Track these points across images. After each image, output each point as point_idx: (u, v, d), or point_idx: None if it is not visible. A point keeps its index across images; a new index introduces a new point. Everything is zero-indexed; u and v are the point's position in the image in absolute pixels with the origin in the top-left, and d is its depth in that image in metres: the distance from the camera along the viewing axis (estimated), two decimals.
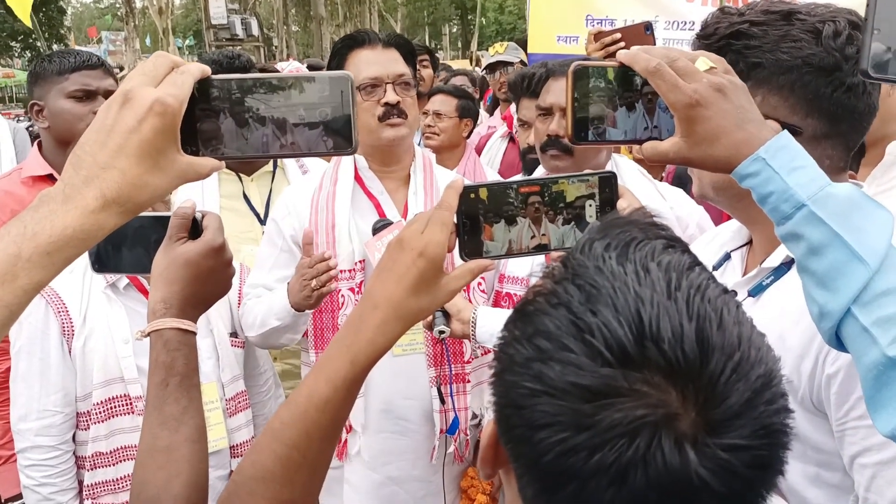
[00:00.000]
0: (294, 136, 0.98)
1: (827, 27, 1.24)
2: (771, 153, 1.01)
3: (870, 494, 1.16)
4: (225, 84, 0.97)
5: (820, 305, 1.00)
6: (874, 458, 1.15)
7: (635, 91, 1.08)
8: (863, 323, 0.96)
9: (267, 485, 1.07)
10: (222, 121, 0.97)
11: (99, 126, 0.89)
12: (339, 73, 0.98)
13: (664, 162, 1.10)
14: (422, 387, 2.41)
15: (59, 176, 2.79)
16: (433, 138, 4.31)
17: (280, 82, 0.97)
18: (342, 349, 1.06)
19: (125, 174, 0.88)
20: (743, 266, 1.47)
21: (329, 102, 0.98)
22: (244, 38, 30.39)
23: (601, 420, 0.65)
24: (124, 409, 2.15)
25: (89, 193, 0.87)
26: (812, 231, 0.98)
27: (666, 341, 0.65)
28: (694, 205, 2.52)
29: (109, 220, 0.88)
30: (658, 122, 1.09)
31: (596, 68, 1.07)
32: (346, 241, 2.35)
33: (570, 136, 1.09)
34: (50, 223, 0.85)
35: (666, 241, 0.76)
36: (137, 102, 0.88)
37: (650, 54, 1.04)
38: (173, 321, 1.23)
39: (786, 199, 1.00)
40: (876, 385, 0.95)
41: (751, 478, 0.66)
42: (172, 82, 0.91)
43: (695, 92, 1.01)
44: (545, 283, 0.76)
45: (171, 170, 0.91)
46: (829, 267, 0.98)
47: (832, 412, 1.20)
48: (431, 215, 1.07)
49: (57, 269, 0.87)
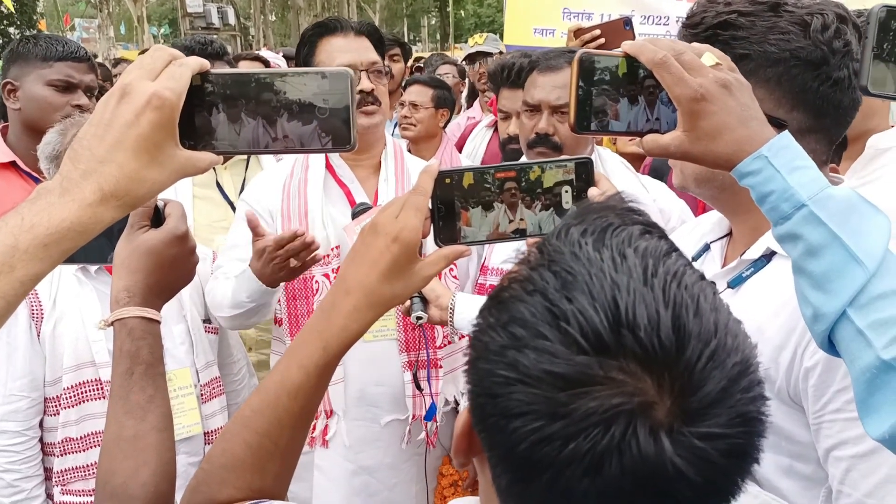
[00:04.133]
0: (292, 132, 0.97)
1: (815, 20, 1.24)
2: (773, 152, 1.01)
3: (844, 487, 1.17)
4: (224, 78, 0.96)
5: (815, 307, 1.00)
6: (850, 451, 1.16)
7: (638, 83, 1.08)
8: (858, 325, 0.96)
9: (237, 473, 1.06)
10: (220, 115, 0.96)
11: (97, 120, 0.89)
12: (339, 70, 0.97)
13: (664, 155, 1.09)
14: (393, 373, 2.42)
15: (23, 163, 2.72)
16: (410, 129, 4.30)
17: (280, 78, 0.96)
18: (314, 335, 1.05)
19: (123, 168, 0.88)
20: (722, 257, 1.47)
21: (329, 98, 0.97)
22: (220, 27, 30.20)
23: (576, 409, 0.64)
24: (95, 394, 2.12)
25: (87, 187, 0.87)
26: (811, 232, 0.98)
27: (642, 329, 0.65)
28: (676, 197, 2.54)
29: (107, 214, 0.88)
30: (659, 115, 1.09)
31: (602, 58, 1.07)
32: (319, 227, 2.35)
33: (573, 124, 1.08)
34: (48, 215, 0.85)
35: (643, 227, 0.76)
36: (135, 96, 0.88)
37: (657, 46, 1.03)
38: (137, 310, 1.22)
39: (786, 198, 1.00)
40: (869, 389, 0.95)
41: (726, 466, 0.66)
42: (170, 76, 0.90)
43: (700, 86, 1.01)
44: (521, 269, 0.75)
45: (170, 164, 0.91)
46: (827, 268, 0.98)
47: (809, 405, 1.20)
48: (406, 200, 1.05)
49: (54, 262, 0.87)
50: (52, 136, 2.09)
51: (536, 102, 2.44)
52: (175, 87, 0.89)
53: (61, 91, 2.79)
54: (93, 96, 2.88)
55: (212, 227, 2.93)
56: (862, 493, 1.14)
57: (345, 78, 0.97)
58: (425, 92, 4.35)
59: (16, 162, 2.77)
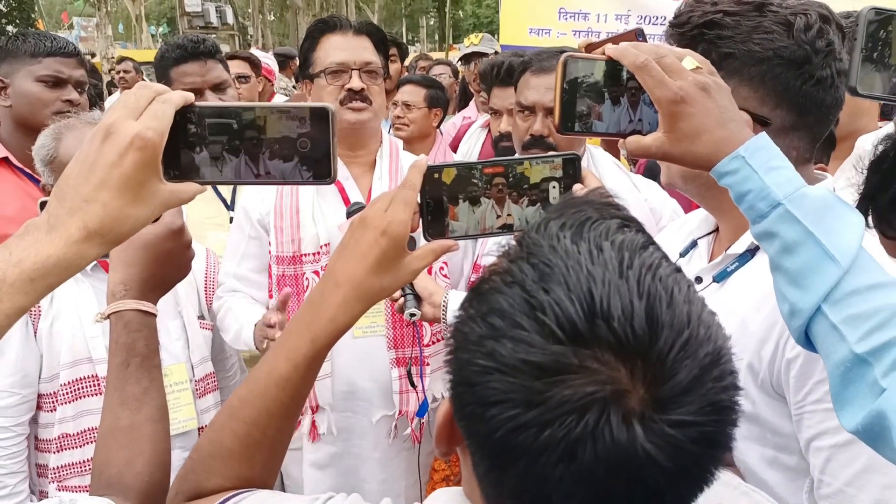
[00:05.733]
0: (273, 165, 0.99)
1: (798, 20, 1.26)
2: (750, 152, 1.03)
3: (825, 476, 1.19)
4: (207, 111, 0.98)
5: (791, 303, 1.02)
6: (830, 441, 1.18)
7: (621, 85, 1.10)
8: (832, 321, 0.98)
9: (226, 463, 1.07)
10: (204, 146, 0.98)
11: (82, 159, 0.91)
12: (320, 105, 0.99)
13: (646, 156, 1.11)
14: (381, 369, 2.43)
15: (15, 159, 2.70)
16: (403, 129, 4.31)
17: (262, 111, 0.98)
18: (302, 327, 1.06)
19: (107, 207, 0.90)
20: (709, 253, 1.50)
21: (309, 133, 0.99)
22: (219, 26, 30.14)
23: (551, 397, 0.66)
24: (92, 391, 2.12)
25: (73, 224, 0.89)
26: (787, 229, 1.00)
27: (616, 319, 0.67)
28: (667, 196, 2.55)
29: (91, 251, 0.91)
30: (641, 117, 1.11)
31: (585, 60, 1.09)
32: (309, 224, 2.38)
33: (558, 125, 1.10)
34: (35, 251, 0.87)
35: (621, 221, 0.77)
36: (119, 137, 0.90)
37: (639, 50, 1.06)
38: (133, 303, 1.24)
39: (762, 197, 1.02)
40: (843, 382, 0.97)
41: (697, 454, 0.68)
42: (153, 114, 0.92)
43: (680, 89, 1.03)
44: (501, 261, 0.77)
45: (153, 200, 0.93)
46: (802, 265, 1.00)
47: (791, 396, 1.22)
48: (395, 194, 1.07)
49: (39, 296, 0.89)
50: (46, 140, 2.09)
51: (531, 104, 2.44)
52: (157, 127, 0.91)
53: (51, 87, 2.79)
54: (83, 91, 2.88)
55: (205, 223, 2.93)
56: (842, 483, 1.16)
57: (325, 113, 0.99)
58: (418, 92, 4.35)
59: (9, 158, 2.77)
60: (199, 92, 2.95)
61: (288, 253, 2.40)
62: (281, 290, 2.37)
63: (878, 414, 0.92)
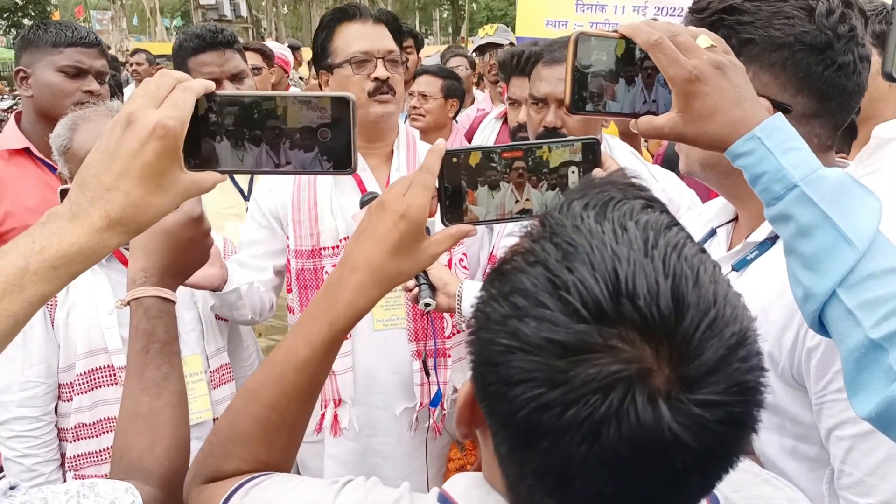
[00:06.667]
0: (294, 154, 0.99)
1: (820, 5, 1.24)
2: (766, 133, 1.01)
3: (846, 466, 1.18)
4: (227, 100, 0.98)
5: (805, 287, 1.01)
6: (851, 430, 1.17)
7: (635, 65, 1.08)
8: (847, 305, 0.96)
9: (244, 446, 1.07)
10: (224, 135, 0.98)
11: (104, 148, 0.92)
12: (341, 94, 0.99)
13: (658, 137, 1.10)
14: (403, 361, 2.42)
15: (36, 150, 2.71)
16: (419, 119, 4.31)
17: (283, 100, 0.98)
18: (321, 311, 1.06)
19: (128, 195, 0.91)
20: (728, 241, 1.48)
21: (330, 123, 0.99)
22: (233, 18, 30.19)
23: (575, 376, 0.65)
24: (108, 380, 2.14)
25: (95, 213, 0.90)
26: (802, 212, 0.99)
27: (641, 298, 0.66)
28: (685, 187, 2.53)
29: (113, 239, 0.92)
30: (656, 97, 1.09)
31: (598, 38, 1.07)
32: (328, 217, 2.36)
33: (569, 105, 1.08)
34: (57, 239, 0.88)
35: (644, 201, 0.77)
36: (140, 125, 0.90)
37: (652, 28, 1.04)
38: (153, 289, 1.25)
39: (778, 179, 1.00)
40: (857, 367, 0.96)
41: (723, 434, 0.67)
42: (174, 103, 0.92)
43: (694, 68, 1.02)
44: (523, 241, 0.77)
45: (174, 189, 0.94)
46: (818, 248, 0.98)
47: (811, 385, 1.21)
48: (413, 178, 1.06)
49: (62, 283, 0.90)
50: (61, 130, 2.10)
51: (543, 96, 2.42)
52: (178, 116, 0.92)
53: (72, 77, 2.79)
54: (104, 82, 2.88)
55: (222, 213, 2.94)
56: (863, 473, 1.15)
57: (346, 102, 0.98)
58: (434, 82, 4.35)
59: (29, 148, 2.78)
60: (217, 82, 2.95)
61: (307, 247, 2.38)
62: (301, 284, 2.37)
63: (893, 400, 0.91)
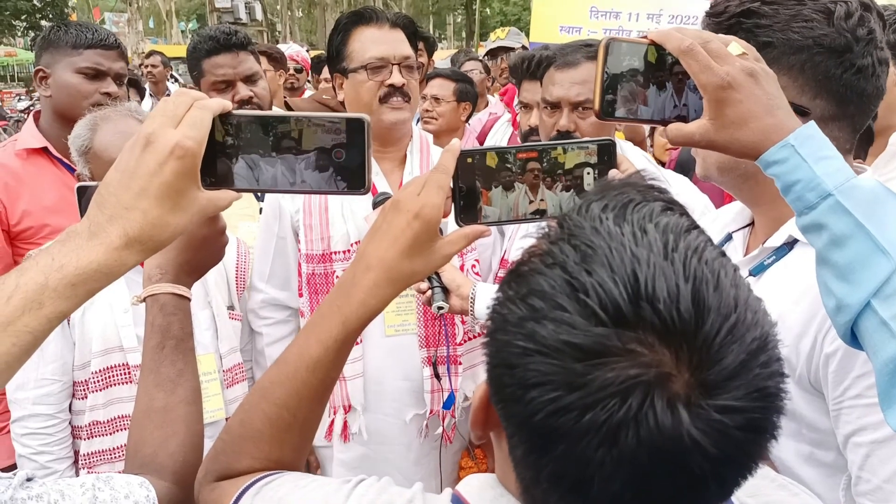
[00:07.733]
0: (308, 174, 1.00)
1: (839, 8, 1.23)
2: (800, 141, 1.00)
3: (863, 473, 1.17)
4: (244, 120, 0.99)
5: (838, 298, 0.99)
6: (869, 437, 1.16)
7: (665, 70, 1.08)
8: (882, 316, 0.95)
9: (256, 444, 1.07)
10: (239, 154, 0.99)
11: (123, 168, 0.93)
12: (356, 116, 0.99)
13: (688, 144, 1.09)
14: (413, 367, 2.40)
15: (54, 149, 2.72)
16: (431, 122, 4.32)
17: (298, 121, 0.99)
18: (333, 310, 1.06)
19: (147, 215, 0.92)
20: (744, 247, 1.47)
21: (345, 143, 0.99)
22: (248, 22, 30.38)
23: (593, 380, 0.65)
24: (122, 379, 2.15)
25: (113, 231, 0.91)
26: (836, 221, 0.98)
27: (661, 301, 0.65)
28: (699, 192, 2.51)
29: (131, 258, 0.92)
30: (687, 102, 1.09)
31: (628, 44, 1.07)
32: (339, 222, 2.35)
33: (598, 111, 1.08)
34: (76, 256, 0.89)
35: (664, 204, 0.76)
36: (159, 146, 0.92)
37: (683, 34, 1.04)
38: (169, 286, 1.26)
39: (812, 188, 0.99)
40: (892, 380, 0.95)
41: (743, 440, 0.67)
42: (192, 123, 0.94)
43: (727, 74, 1.01)
44: (541, 243, 0.76)
45: (191, 208, 0.95)
46: (852, 258, 0.97)
47: (829, 391, 1.20)
48: (428, 178, 1.05)
49: (80, 301, 0.91)
50: (81, 130, 2.10)
51: (556, 100, 2.39)
52: (196, 136, 0.93)
53: (90, 78, 2.79)
54: (122, 84, 2.89)
55: (237, 214, 2.94)
56: (881, 479, 1.14)
57: (361, 124, 0.99)
58: (447, 85, 4.36)
59: (47, 148, 2.79)
60: (231, 83, 2.97)
61: (318, 251, 2.37)
62: (312, 289, 2.36)
63: None
